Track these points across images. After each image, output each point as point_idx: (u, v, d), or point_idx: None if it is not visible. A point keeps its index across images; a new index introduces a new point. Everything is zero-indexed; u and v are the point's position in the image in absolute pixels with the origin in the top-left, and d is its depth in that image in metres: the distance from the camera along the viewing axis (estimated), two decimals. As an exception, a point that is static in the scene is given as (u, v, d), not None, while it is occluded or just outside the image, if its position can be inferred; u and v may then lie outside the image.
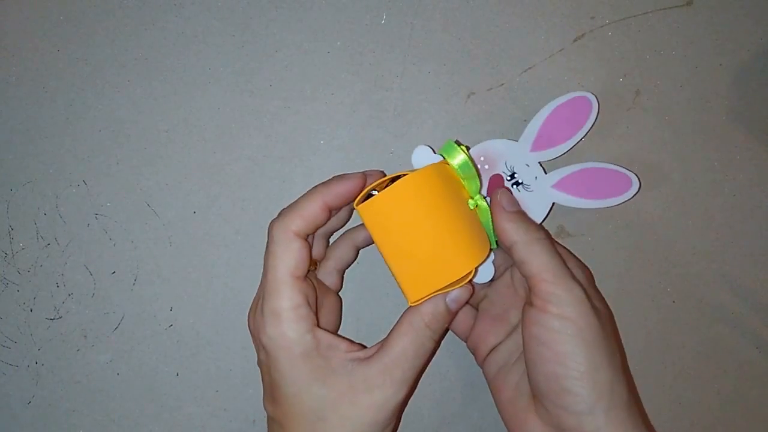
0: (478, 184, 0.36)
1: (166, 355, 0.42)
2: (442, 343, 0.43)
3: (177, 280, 0.42)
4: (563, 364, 0.32)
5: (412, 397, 0.43)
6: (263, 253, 0.38)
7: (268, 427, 0.35)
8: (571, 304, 0.32)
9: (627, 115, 0.44)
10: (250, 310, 0.36)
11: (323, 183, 0.35)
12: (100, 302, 0.42)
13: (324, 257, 0.39)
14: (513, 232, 0.34)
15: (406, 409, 0.43)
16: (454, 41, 0.43)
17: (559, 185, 0.39)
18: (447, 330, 0.40)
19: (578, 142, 0.39)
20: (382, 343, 0.33)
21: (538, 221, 0.38)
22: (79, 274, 0.42)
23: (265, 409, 0.35)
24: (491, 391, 0.38)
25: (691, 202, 0.45)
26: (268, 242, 0.33)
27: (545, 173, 0.39)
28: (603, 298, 0.39)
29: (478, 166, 0.39)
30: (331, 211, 0.35)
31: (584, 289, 0.33)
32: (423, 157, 0.36)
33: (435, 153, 0.36)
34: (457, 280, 0.33)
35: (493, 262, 0.38)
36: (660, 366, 0.44)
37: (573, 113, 0.39)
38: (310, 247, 0.34)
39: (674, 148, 0.44)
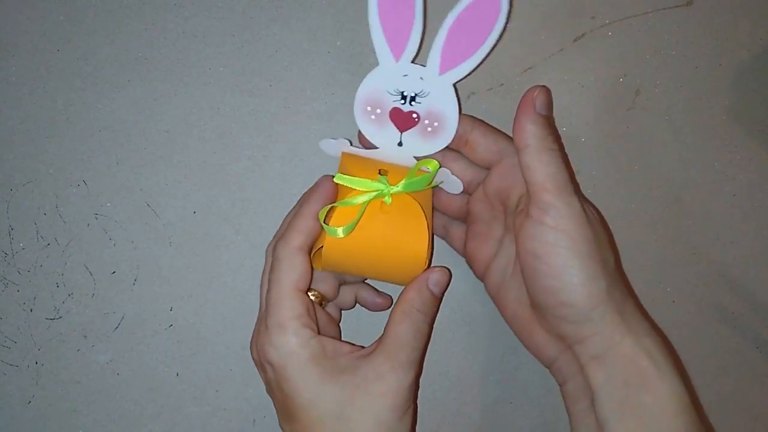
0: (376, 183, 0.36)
1: (166, 355, 0.42)
2: (442, 343, 0.43)
3: (177, 280, 0.42)
4: (558, 277, 0.33)
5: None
6: (263, 253, 0.38)
7: None
8: (567, 217, 0.33)
9: (627, 115, 0.44)
10: (252, 342, 0.36)
11: (306, 199, 0.36)
12: (100, 302, 0.42)
13: (335, 297, 0.39)
14: (530, 135, 0.34)
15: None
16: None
17: (444, 64, 0.35)
18: (438, 309, 0.40)
19: (489, 53, 0.35)
20: (381, 336, 0.35)
21: (456, 114, 0.36)
22: (79, 274, 0.42)
23: (280, 425, 0.35)
24: (497, 308, 0.39)
25: (691, 202, 0.45)
26: (273, 262, 0.34)
27: (423, 66, 0.35)
28: (594, 205, 0.38)
29: (372, 117, 0.37)
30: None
31: (581, 203, 0.33)
32: (330, 147, 0.39)
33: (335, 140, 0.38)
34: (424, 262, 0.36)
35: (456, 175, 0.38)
36: (660, 366, 0.44)
37: (480, 17, 0.34)
38: (311, 261, 0.35)
39: (674, 148, 0.44)
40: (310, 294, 0.36)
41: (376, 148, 0.38)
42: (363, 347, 0.36)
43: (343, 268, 0.37)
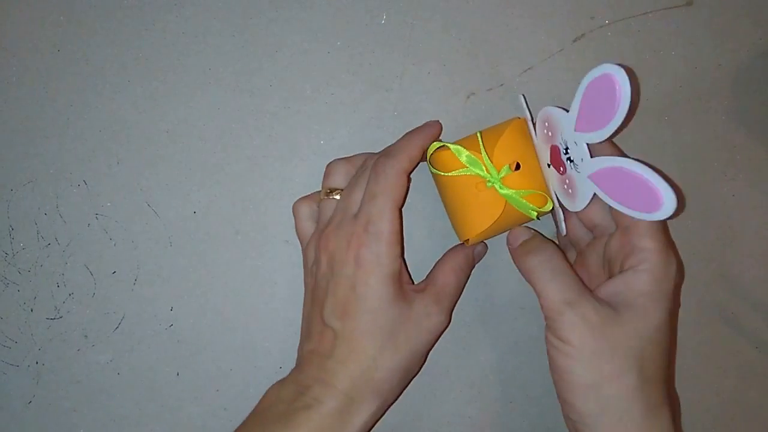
0: (487, 171, 0.37)
1: (166, 355, 0.42)
2: (442, 343, 0.43)
3: (177, 280, 0.42)
4: (562, 378, 0.35)
5: (411, 398, 0.43)
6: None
7: (317, 343, 0.36)
8: (571, 329, 0.34)
9: (627, 115, 0.44)
10: (323, 235, 0.37)
11: (416, 129, 0.39)
12: (101, 302, 0.42)
13: None
14: (535, 272, 0.36)
15: (405, 410, 0.43)
16: (454, 41, 0.43)
17: (595, 177, 0.34)
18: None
19: (621, 129, 0.31)
20: (429, 280, 0.38)
21: (583, 206, 0.36)
22: (79, 274, 0.42)
23: (323, 323, 0.35)
24: None
25: (691, 202, 0.45)
26: (378, 176, 0.36)
27: (591, 157, 0.34)
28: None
29: (545, 131, 0.37)
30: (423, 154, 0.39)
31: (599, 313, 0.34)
32: (522, 107, 0.40)
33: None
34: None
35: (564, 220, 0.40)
36: (660, 366, 0.44)
37: (603, 93, 0.31)
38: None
39: (674, 148, 0.44)
40: None
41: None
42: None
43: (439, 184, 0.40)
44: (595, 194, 0.34)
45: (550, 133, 0.36)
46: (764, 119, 0.45)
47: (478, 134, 0.38)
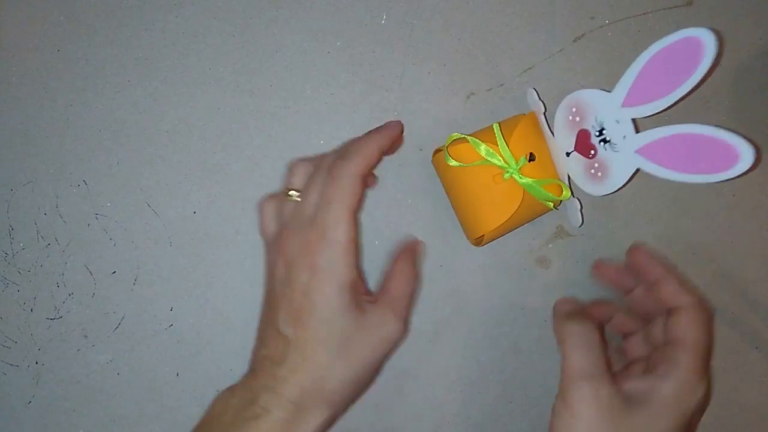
0: (505, 162, 0.38)
1: (166, 355, 0.42)
2: (442, 343, 0.43)
3: (177, 280, 0.42)
4: None
5: (412, 397, 0.43)
6: (263, 254, 0.38)
7: (270, 349, 0.35)
8: (581, 400, 0.34)
9: (627, 115, 0.44)
10: (282, 238, 0.36)
11: (375, 130, 0.38)
12: (101, 302, 0.42)
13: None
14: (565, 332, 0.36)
15: (405, 409, 0.43)
16: (454, 41, 0.43)
17: (645, 150, 0.33)
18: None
19: (684, 97, 0.31)
20: (382, 289, 0.38)
21: (617, 186, 0.36)
22: (79, 274, 0.42)
23: (277, 329, 0.35)
24: None
25: (691, 202, 0.45)
26: (334, 180, 0.35)
27: (636, 132, 0.34)
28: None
29: (570, 117, 0.37)
30: (382, 155, 0.38)
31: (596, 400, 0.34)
32: (533, 100, 0.40)
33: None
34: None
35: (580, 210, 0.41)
36: (660, 366, 0.44)
37: (679, 59, 0.30)
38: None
39: (674, 148, 0.44)
40: None
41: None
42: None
43: (445, 179, 0.41)
44: (635, 173, 0.34)
45: (578, 118, 0.36)
46: (764, 119, 0.45)
47: (495, 126, 0.38)
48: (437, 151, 0.41)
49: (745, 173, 0.30)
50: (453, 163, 0.38)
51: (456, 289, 0.43)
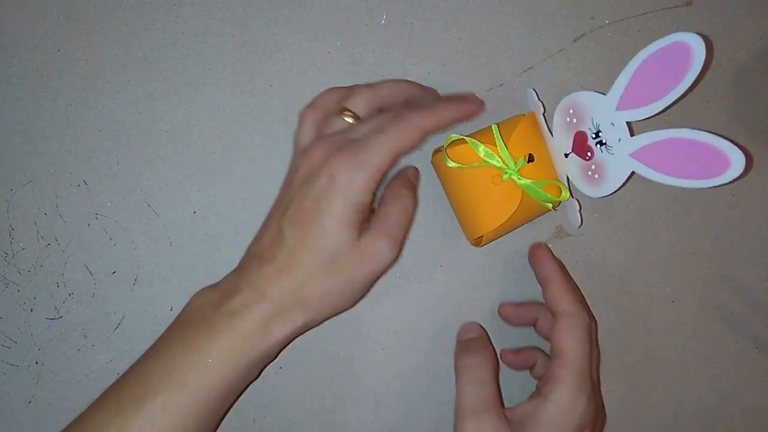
0: (503, 163, 0.38)
1: (166, 355, 0.42)
2: (442, 343, 0.43)
3: (177, 280, 0.42)
4: None
5: (412, 397, 0.43)
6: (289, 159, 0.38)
7: (264, 247, 0.36)
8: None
9: (627, 115, 0.44)
10: (323, 138, 0.36)
11: (459, 99, 0.38)
12: (101, 302, 0.42)
13: None
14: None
15: (405, 409, 0.43)
16: (454, 41, 0.43)
17: (640, 154, 0.33)
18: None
19: (677, 101, 0.31)
20: (375, 212, 0.37)
21: (614, 189, 0.37)
22: (79, 274, 0.42)
23: (278, 226, 0.35)
24: None
25: (691, 202, 0.45)
26: (398, 118, 0.35)
27: (631, 136, 0.34)
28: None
29: (567, 119, 0.37)
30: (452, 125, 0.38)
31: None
32: (532, 100, 0.40)
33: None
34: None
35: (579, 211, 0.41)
36: (660, 366, 0.44)
37: (669, 64, 0.30)
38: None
39: (674, 148, 0.44)
40: None
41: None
42: None
43: (445, 178, 0.41)
44: (629, 176, 0.34)
45: (575, 120, 0.36)
46: (764, 119, 0.45)
47: (494, 127, 0.38)
48: (436, 151, 0.41)
49: (737, 179, 0.30)
50: (451, 164, 0.38)
51: (456, 289, 0.43)
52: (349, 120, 0.37)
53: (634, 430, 0.44)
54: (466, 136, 0.39)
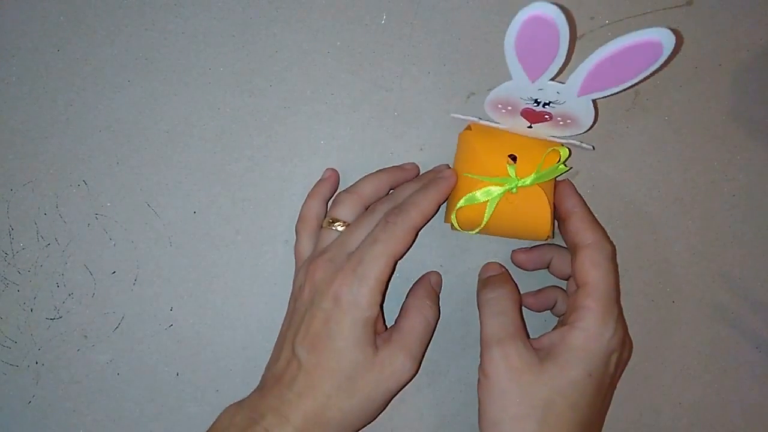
0: (500, 185, 0.38)
1: (166, 355, 0.42)
2: (442, 343, 0.43)
3: (177, 280, 0.42)
4: (478, 410, 0.37)
5: (412, 398, 0.43)
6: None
7: (282, 369, 0.36)
8: (490, 364, 0.36)
9: (627, 115, 0.44)
10: (321, 256, 0.37)
11: (432, 184, 0.39)
12: (101, 302, 0.42)
13: None
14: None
15: (405, 409, 0.43)
16: (454, 41, 0.43)
17: (585, 88, 0.34)
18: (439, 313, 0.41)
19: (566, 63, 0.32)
20: (395, 327, 0.38)
21: (592, 117, 0.36)
22: (79, 274, 0.42)
23: (292, 350, 0.36)
24: None
25: (691, 202, 0.44)
26: (386, 224, 0.36)
27: (563, 84, 0.34)
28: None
29: (503, 112, 0.37)
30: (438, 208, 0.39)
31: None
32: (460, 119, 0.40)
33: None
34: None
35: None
36: (660, 366, 0.44)
37: (539, 38, 0.31)
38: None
39: (674, 148, 0.44)
40: None
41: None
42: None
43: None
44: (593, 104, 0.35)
45: (509, 107, 0.37)
46: (764, 119, 0.45)
47: (465, 175, 0.39)
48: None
49: (674, 51, 0.31)
50: (474, 231, 0.39)
51: (456, 289, 0.43)
52: (340, 229, 0.38)
53: (634, 431, 0.44)
54: (460, 171, 0.39)
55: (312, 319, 0.36)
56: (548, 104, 0.36)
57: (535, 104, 0.36)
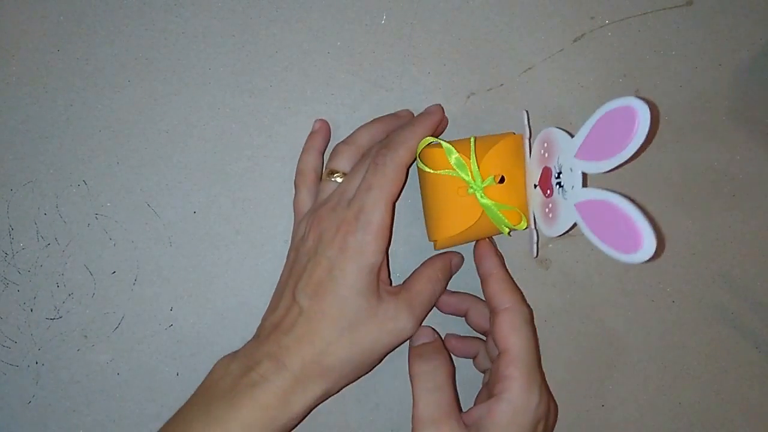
0: (472, 177, 0.37)
1: (166, 355, 0.42)
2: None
3: (177, 280, 0.42)
4: None
5: (411, 397, 0.43)
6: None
7: (281, 317, 0.36)
8: None
9: (627, 115, 0.44)
10: (322, 206, 0.37)
11: (420, 118, 0.39)
12: (101, 302, 0.42)
13: None
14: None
15: (405, 409, 0.43)
16: (454, 41, 0.43)
17: (582, 207, 0.34)
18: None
19: (626, 162, 0.31)
20: (405, 285, 0.38)
21: (559, 233, 0.36)
22: (79, 274, 0.42)
23: (292, 297, 0.36)
24: None
25: (691, 202, 0.45)
26: (378, 167, 0.36)
27: (582, 186, 0.34)
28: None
29: (541, 152, 0.37)
30: None
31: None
32: (524, 123, 0.39)
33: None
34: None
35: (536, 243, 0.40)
36: (660, 366, 0.44)
37: (618, 126, 0.30)
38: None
39: (674, 148, 0.44)
40: None
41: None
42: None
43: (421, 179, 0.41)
44: (574, 225, 0.34)
45: (546, 154, 0.36)
46: (764, 119, 0.45)
47: (472, 139, 0.38)
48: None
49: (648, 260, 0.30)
50: (422, 167, 0.38)
51: (456, 289, 0.43)
52: (339, 179, 0.38)
53: (634, 431, 0.44)
54: (446, 140, 0.38)
55: (315, 266, 0.36)
56: (560, 187, 0.35)
57: (556, 176, 0.36)
